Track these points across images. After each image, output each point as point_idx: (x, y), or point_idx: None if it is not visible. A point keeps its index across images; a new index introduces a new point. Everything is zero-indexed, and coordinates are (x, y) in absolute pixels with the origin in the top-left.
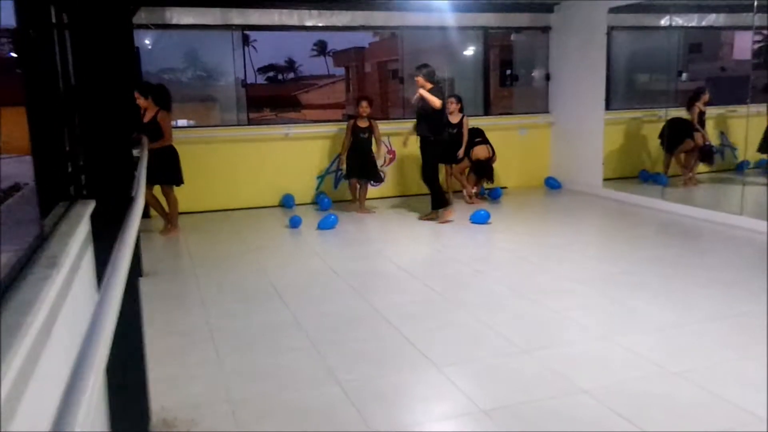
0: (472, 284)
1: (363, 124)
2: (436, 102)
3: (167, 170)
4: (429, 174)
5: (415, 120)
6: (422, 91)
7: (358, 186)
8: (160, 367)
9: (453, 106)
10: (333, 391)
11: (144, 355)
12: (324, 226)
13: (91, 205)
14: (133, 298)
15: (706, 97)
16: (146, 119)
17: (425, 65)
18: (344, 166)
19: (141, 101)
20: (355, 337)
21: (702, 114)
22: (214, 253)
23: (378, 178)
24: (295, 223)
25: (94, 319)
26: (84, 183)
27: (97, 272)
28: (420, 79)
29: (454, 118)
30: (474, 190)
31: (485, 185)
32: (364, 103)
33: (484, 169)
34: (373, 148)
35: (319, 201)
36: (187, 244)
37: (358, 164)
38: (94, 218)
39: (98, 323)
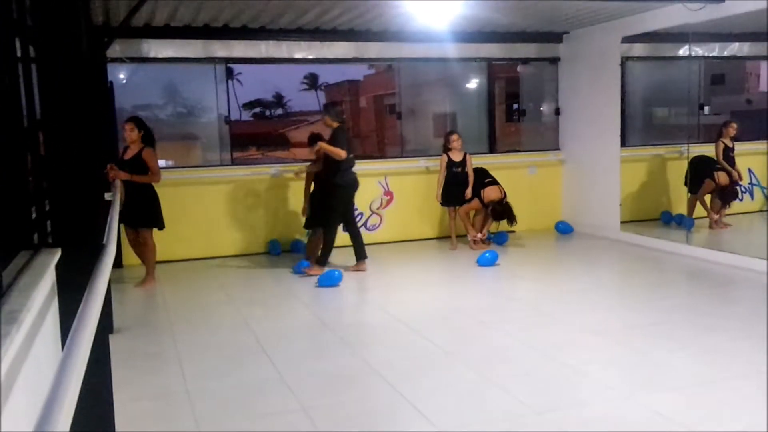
0: (478, 337)
1: (457, 157)
2: (340, 154)
3: (149, 212)
4: (333, 221)
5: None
6: (323, 144)
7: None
8: None
9: (456, 143)
10: None
11: (113, 421)
12: (326, 282)
13: (56, 254)
14: (101, 357)
15: (732, 130)
16: (128, 155)
17: (332, 104)
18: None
19: (133, 134)
20: (348, 398)
21: (729, 150)
22: (193, 305)
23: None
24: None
25: (57, 381)
26: (49, 230)
27: (63, 328)
28: (327, 119)
29: (456, 156)
30: (480, 236)
31: (509, 227)
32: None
33: (503, 211)
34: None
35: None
36: (164, 297)
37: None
38: (60, 269)
39: (62, 385)
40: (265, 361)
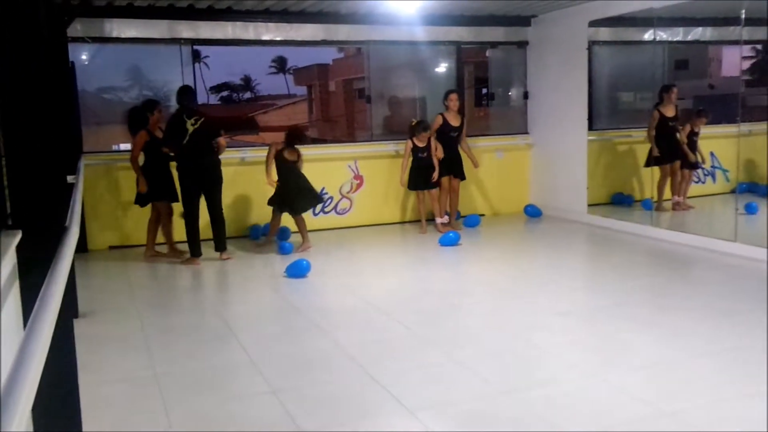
0: (446, 319)
1: (422, 143)
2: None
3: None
4: (185, 208)
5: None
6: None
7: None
8: (98, 418)
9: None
10: None
11: (78, 406)
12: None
13: (17, 237)
14: (65, 340)
15: (703, 120)
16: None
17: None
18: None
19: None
20: (317, 380)
21: (693, 134)
22: (161, 290)
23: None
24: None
25: (18, 363)
26: (9, 211)
27: (25, 313)
28: None
29: (421, 142)
30: (445, 220)
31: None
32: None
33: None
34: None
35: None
36: (130, 281)
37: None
38: (21, 251)
39: (22, 367)
40: (235, 345)
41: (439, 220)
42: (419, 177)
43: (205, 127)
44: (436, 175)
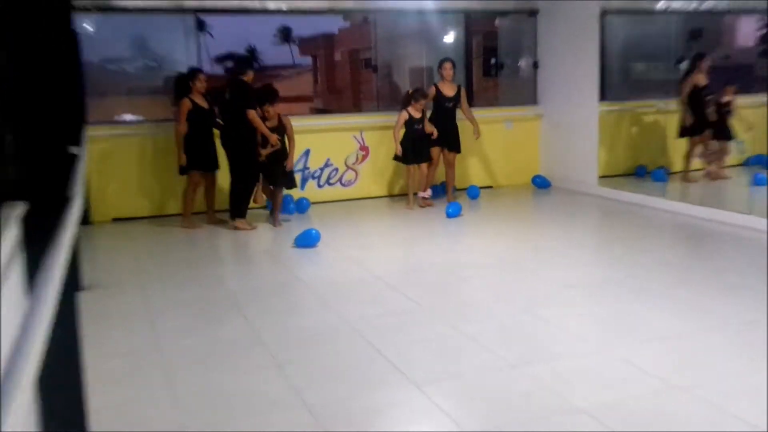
0: (454, 292)
1: (417, 114)
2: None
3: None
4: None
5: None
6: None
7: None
8: (102, 392)
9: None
10: (300, 416)
11: (83, 379)
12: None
13: (21, 208)
14: (69, 313)
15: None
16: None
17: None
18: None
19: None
20: (323, 353)
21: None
22: (166, 263)
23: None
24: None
25: (22, 333)
26: (15, 182)
27: (30, 284)
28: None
29: (417, 112)
30: (428, 194)
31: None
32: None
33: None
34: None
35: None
36: (136, 254)
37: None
38: (26, 223)
39: (26, 337)
40: (240, 318)
41: (421, 194)
42: (414, 150)
43: (234, 97)
44: (434, 131)
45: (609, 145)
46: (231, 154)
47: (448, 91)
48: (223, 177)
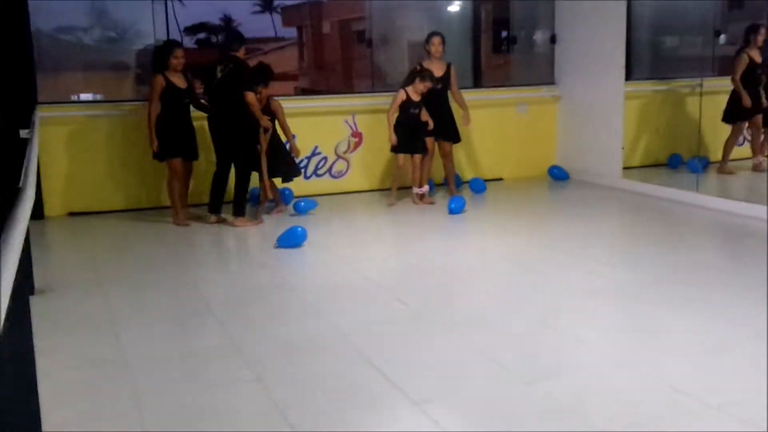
0: (458, 298)
1: (416, 97)
2: None
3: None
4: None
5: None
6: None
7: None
8: (60, 407)
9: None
10: None
11: (36, 392)
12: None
13: None
14: (20, 319)
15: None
16: None
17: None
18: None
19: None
20: (309, 367)
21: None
22: (129, 263)
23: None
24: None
25: None
26: None
27: None
28: None
29: (417, 95)
30: (424, 190)
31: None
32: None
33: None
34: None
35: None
36: (93, 252)
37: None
38: None
39: None
40: (215, 326)
41: (416, 190)
42: (408, 138)
43: (230, 76)
44: (430, 121)
45: (636, 132)
46: (222, 141)
47: (437, 70)
48: (207, 166)
